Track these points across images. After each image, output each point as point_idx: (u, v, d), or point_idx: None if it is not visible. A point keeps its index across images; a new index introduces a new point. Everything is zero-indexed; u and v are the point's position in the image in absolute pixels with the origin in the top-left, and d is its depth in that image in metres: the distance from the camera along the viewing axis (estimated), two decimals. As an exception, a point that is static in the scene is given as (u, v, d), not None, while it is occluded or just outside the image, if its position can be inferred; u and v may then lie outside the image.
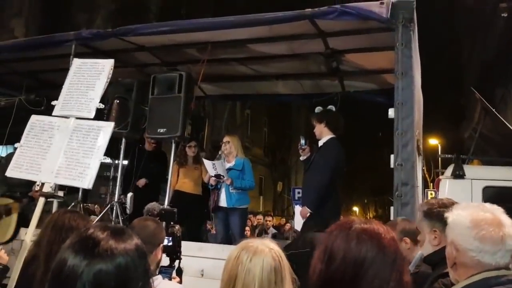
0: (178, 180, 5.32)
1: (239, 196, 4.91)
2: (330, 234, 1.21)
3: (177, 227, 2.53)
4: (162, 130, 4.52)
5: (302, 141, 4.53)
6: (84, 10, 13.57)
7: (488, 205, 1.49)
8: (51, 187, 2.79)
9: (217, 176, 4.87)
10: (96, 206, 8.46)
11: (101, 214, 4.70)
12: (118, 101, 4.78)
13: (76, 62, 3.36)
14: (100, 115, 3.95)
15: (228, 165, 5.01)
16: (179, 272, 2.48)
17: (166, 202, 4.55)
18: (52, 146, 2.90)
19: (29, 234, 2.50)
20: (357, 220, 1.23)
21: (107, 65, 3.20)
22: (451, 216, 1.50)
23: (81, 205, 4.72)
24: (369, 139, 25.09)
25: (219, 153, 5.19)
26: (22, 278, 2.19)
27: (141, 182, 5.31)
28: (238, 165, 4.98)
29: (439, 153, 12.38)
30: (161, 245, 2.21)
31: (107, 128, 2.94)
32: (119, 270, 0.98)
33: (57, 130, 2.99)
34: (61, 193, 4.39)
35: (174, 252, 2.45)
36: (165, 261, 2.57)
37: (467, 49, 14.80)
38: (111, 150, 5.33)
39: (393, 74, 3.64)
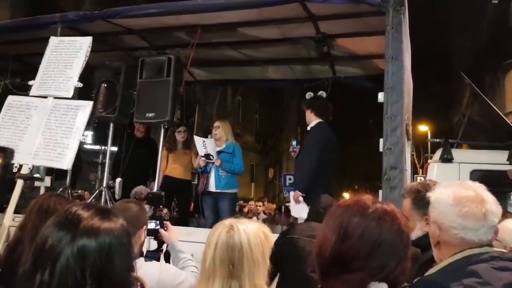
0: (168, 165, 5.30)
1: (228, 179, 4.90)
2: (346, 209, 1.20)
3: (165, 210, 2.51)
4: (150, 115, 4.47)
5: (294, 143, 4.57)
6: (71, -7, 13.25)
7: (470, 182, 1.49)
8: (29, 168, 2.73)
9: (207, 156, 4.85)
10: (86, 192, 8.42)
11: (90, 199, 4.66)
12: (105, 85, 4.71)
13: (53, 41, 3.26)
14: (87, 99, 3.89)
15: (218, 148, 5.00)
16: (167, 256, 2.46)
17: (155, 187, 4.53)
18: (30, 127, 2.84)
19: (7, 218, 2.47)
20: (373, 199, 1.22)
21: (85, 42, 3.12)
22: (434, 195, 1.50)
23: (69, 191, 4.68)
24: (360, 124, 25.18)
25: (209, 137, 5.15)
26: (7, 262, 2.16)
27: None
28: (229, 148, 4.98)
29: (429, 138, 12.48)
30: (144, 227, 2.19)
31: (85, 107, 2.89)
32: (103, 247, 0.98)
33: (34, 110, 2.92)
34: (48, 179, 4.35)
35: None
36: (153, 245, 2.56)
37: (458, 35, 14.83)
38: (100, 136, 5.29)
39: (383, 59, 3.63)
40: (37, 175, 4.13)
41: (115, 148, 5.74)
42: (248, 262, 1.40)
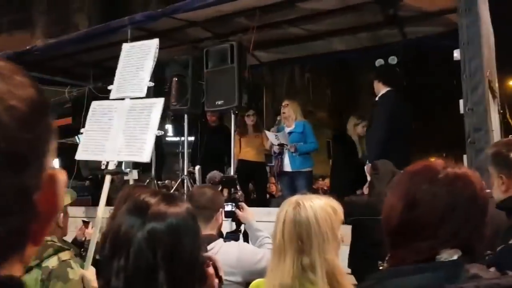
0: (241, 149, 5.44)
1: (302, 158, 4.92)
2: (414, 176, 1.12)
3: (240, 193, 2.60)
4: (219, 102, 4.61)
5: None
6: (139, -5, 13.93)
7: None
8: (115, 164, 3.00)
9: (280, 145, 4.91)
10: (172, 182, 9.01)
11: (174, 187, 4.97)
12: (176, 79, 4.94)
13: (125, 47, 3.54)
14: (161, 95, 4.12)
15: (288, 129, 5.01)
16: (246, 236, 2.55)
17: (232, 172, 4.69)
18: (113, 127, 3.11)
19: (100, 210, 2.73)
20: (444, 163, 1.12)
21: (152, 45, 3.35)
22: None
23: (155, 182, 5.04)
24: (443, 87, 23.43)
25: (278, 118, 5.18)
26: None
27: None
28: (299, 128, 4.97)
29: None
30: (221, 209, 2.27)
31: (158, 104, 3.12)
32: (171, 228, 1.05)
33: (115, 112, 3.20)
34: (135, 172, 4.72)
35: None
36: (232, 226, 2.67)
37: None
38: (178, 128, 5.57)
39: (456, 12, 3.34)
40: (127, 170, 4.51)
41: (192, 138, 6.02)
42: (317, 238, 1.40)
